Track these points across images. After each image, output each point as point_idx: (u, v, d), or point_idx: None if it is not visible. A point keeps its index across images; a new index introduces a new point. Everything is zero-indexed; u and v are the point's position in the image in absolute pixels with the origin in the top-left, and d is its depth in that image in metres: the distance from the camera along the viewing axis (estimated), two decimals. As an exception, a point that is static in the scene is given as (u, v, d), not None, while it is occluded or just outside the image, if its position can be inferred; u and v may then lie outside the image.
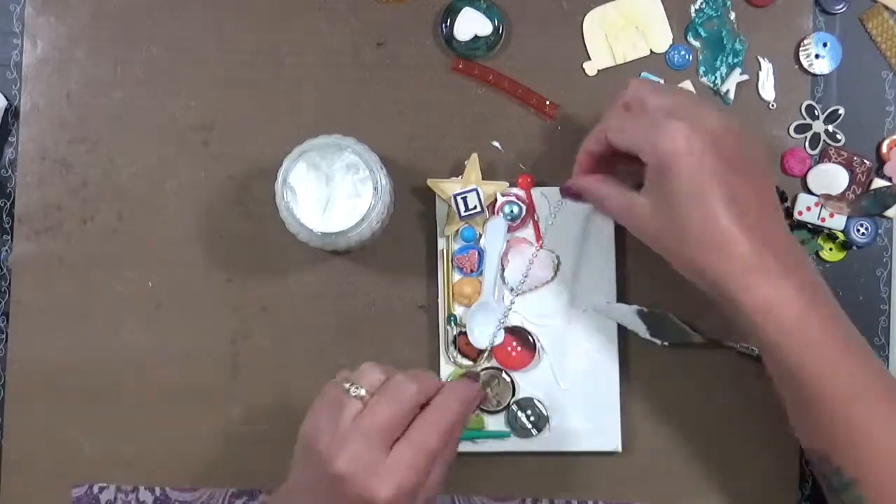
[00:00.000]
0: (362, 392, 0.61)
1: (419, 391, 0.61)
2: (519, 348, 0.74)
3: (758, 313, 0.62)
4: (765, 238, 0.62)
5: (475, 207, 0.73)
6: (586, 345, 0.74)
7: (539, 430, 0.74)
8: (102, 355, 0.76)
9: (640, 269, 0.76)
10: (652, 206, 0.64)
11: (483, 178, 0.75)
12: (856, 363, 0.62)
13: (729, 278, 0.62)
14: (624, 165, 0.68)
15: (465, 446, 0.74)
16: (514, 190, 0.75)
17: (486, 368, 0.74)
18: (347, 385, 0.61)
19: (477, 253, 0.74)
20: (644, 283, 0.75)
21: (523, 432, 0.74)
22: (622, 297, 0.75)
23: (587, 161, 0.70)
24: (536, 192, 0.75)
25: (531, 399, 0.74)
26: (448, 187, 0.74)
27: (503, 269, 0.75)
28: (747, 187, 0.62)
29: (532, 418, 0.74)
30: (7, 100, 0.77)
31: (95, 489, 0.76)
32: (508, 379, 0.74)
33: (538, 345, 0.74)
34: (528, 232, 0.75)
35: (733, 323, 0.64)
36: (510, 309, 0.74)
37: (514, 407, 0.74)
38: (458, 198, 0.73)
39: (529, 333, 0.74)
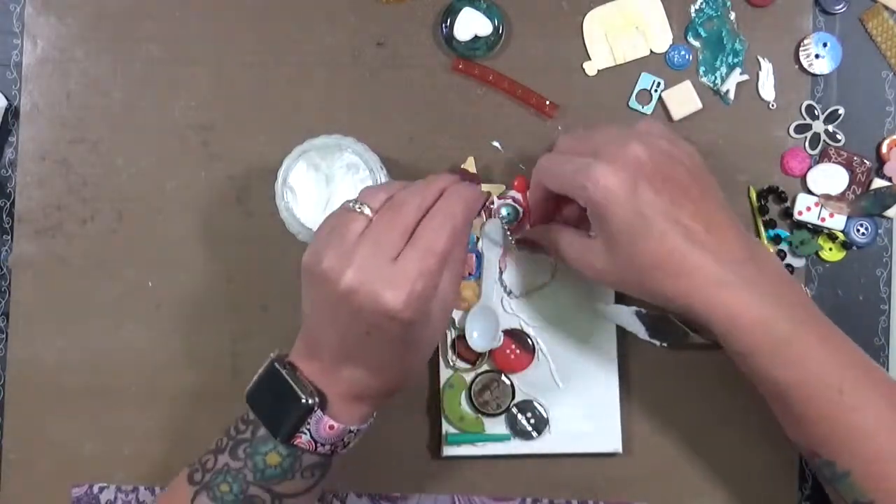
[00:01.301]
0: (367, 210, 0.61)
1: (422, 199, 0.61)
2: (518, 351, 0.74)
3: (723, 324, 0.62)
4: (717, 248, 0.62)
5: (473, 210, 0.73)
6: (585, 346, 0.74)
7: (539, 433, 0.74)
8: (102, 355, 0.76)
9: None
10: (603, 247, 0.64)
11: (483, 179, 0.75)
12: (831, 357, 0.62)
13: (693, 298, 0.62)
14: (570, 206, 0.69)
15: (465, 449, 0.74)
16: (511, 192, 0.75)
17: (486, 371, 0.74)
18: (352, 203, 0.61)
19: (475, 256, 0.74)
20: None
21: (523, 435, 0.74)
22: (620, 298, 0.75)
23: (538, 209, 0.71)
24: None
25: (531, 401, 0.74)
26: (445, 190, 0.74)
27: (501, 273, 0.75)
28: (686, 203, 0.62)
29: (532, 420, 0.74)
30: (7, 100, 0.77)
31: (95, 489, 0.76)
32: (508, 382, 0.74)
33: (537, 347, 0.74)
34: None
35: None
36: (509, 312, 0.75)
37: (514, 409, 0.74)
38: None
39: (528, 336, 0.74)
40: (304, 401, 0.61)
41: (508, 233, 0.72)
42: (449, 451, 0.74)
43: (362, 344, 0.60)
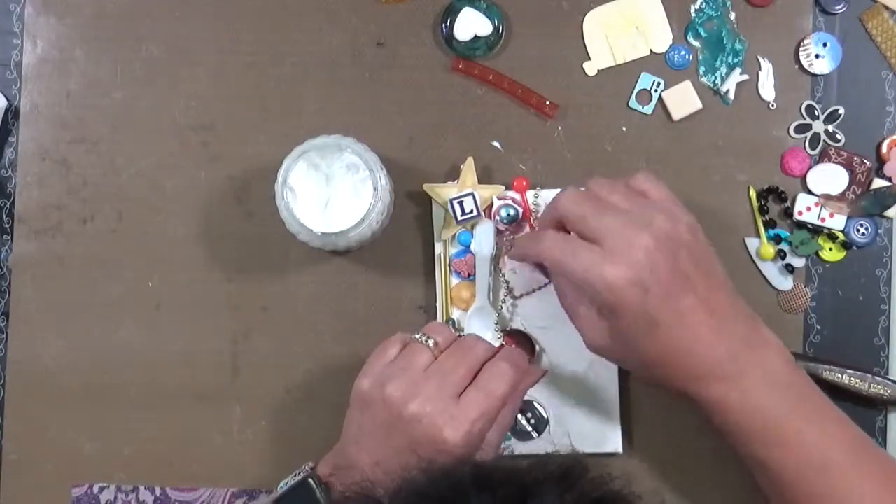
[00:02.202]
0: (431, 343, 0.64)
1: (488, 349, 0.65)
2: (518, 351, 0.74)
3: (716, 412, 0.63)
4: (716, 337, 0.62)
5: (472, 211, 0.73)
6: (585, 347, 0.74)
7: (539, 433, 0.74)
8: (102, 355, 0.76)
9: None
10: (607, 330, 0.64)
11: (483, 179, 0.75)
12: (823, 437, 0.63)
13: (689, 388, 0.64)
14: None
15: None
16: (510, 193, 0.75)
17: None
18: (418, 336, 0.65)
19: (474, 257, 0.74)
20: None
21: (524, 435, 0.74)
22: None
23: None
24: (531, 194, 0.75)
25: (531, 402, 0.74)
26: (444, 192, 0.74)
27: (501, 273, 0.75)
28: (689, 293, 0.62)
29: (532, 421, 0.74)
30: (7, 100, 0.77)
31: (95, 489, 0.76)
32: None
33: (538, 348, 0.74)
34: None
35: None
36: (507, 315, 0.75)
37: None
38: (455, 202, 0.73)
39: (529, 336, 0.74)
40: None
41: (507, 285, 0.71)
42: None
43: (409, 465, 0.60)
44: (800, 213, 0.75)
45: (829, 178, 0.76)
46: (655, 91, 0.76)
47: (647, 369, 0.64)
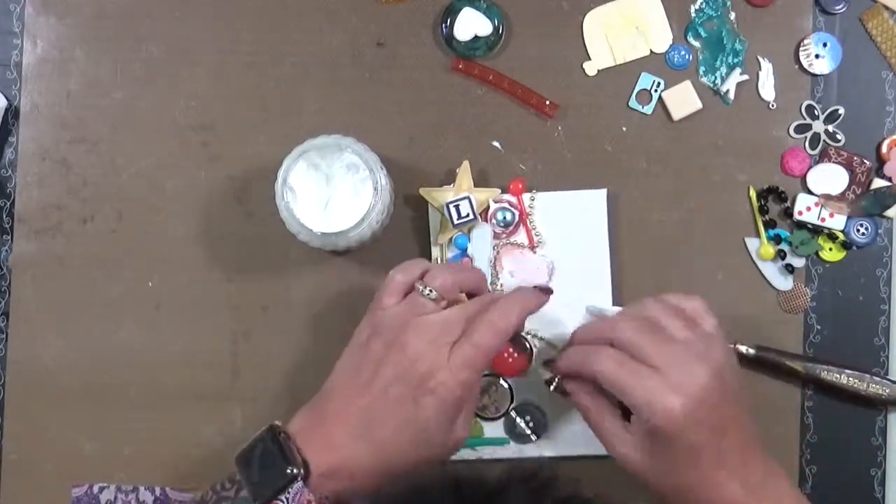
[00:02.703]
0: (434, 294, 0.65)
1: (484, 299, 0.66)
2: (516, 354, 0.74)
3: None
4: (743, 471, 0.64)
5: (468, 215, 0.73)
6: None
7: (538, 436, 0.74)
8: (102, 355, 0.76)
9: (639, 266, 0.76)
10: (640, 447, 0.65)
11: (483, 179, 0.75)
12: None
13: None
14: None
15: (464, 454, 0.74)
16: (507, 196, 0.75)
17: (484, 375, 0.74)
18: (419, 285, 0.65)
19: (471, 261, 0.74)
20: (640, 286, 0.75)
21: (522, 438, 0.74)
22: (621, 295, 0.75)
23: (573, 372, 0.70)
24: (527, 197, 0.75)
25: (529, 405, 0.74)
26: (440, 196, 0.74)
27: (498, 276, 0.75)
28: (729, 429, 0.64)
29: (531, 424, 0.74)
30: (7, 100, 0.77)
31: (95, 489, 0.76)
32: (506, 385, 0.74)
33: (534, 349, 0.74)
34: (521, 237, 0.75)
35: None
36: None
37: (513, 413, 0.74)
38: (451, 206, 0.73)
39: (526, 339, 0.74)
40: (288, 470, 0.62)
41: (551, 387, 0.70)
42: (449, 453, 0.74)
43: (385, 416, 0.63)
44: (800, 213, 0.75)
45: (829, 178, 0.76)
46: (655, 91, 0.76)
47: (676, 493, 0.65)
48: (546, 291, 0.69)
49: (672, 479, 0.65)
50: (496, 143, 0.76)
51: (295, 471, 0.62)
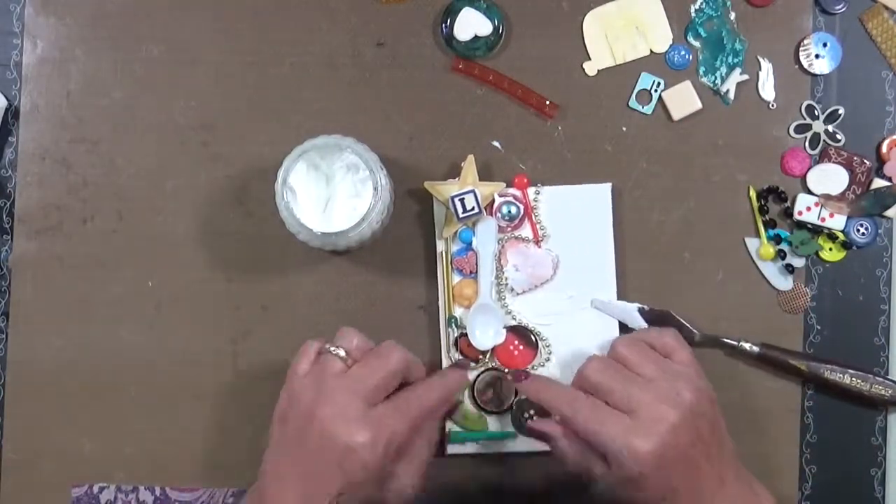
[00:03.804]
0: (342, 353, 0.65)
1: (400, 360, 0.66)
2: (521, 347, 0.74)
3: None
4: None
5: (473, 209, 0.73)
6: (588, 343, 0.74)
7: (542, 430, 0.74)
8: (102, 355, 0.76)
9: (640, 266, 0.76)
10: (611, 485, 0.65)
11: (482, 179, 0.75)
12: None
13: None
14: None
15: (469, 447, 0.74)
16: (511, 190, 0.75)
17: (489, 369, 0.74)
18: (328, 346, 0.66)
19: (476, 254, 0.74)
20: (644, 280, 0.75)
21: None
22: (622, 294, 0.75)
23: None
24: (532, 191, 0.75)
25: (535, 399, 0.74)
26: (445, 189, 0.74)
27: (502, 270, 0.75)
28: (705, 465, 0.64)
29: (535, 418, 0.74)
30: (7, 100, 0.77)
31: (95, 489, 0.76)
32: (511, 378, 0.74)
33: (540, 344, 0.74)
34: (526, 231, 0.75)
35: None
36: (509, 311, 0.75)
37: (518, 407, 0.74)
38: (456, 200, 0.73)
39: (531, 332, 0.74)
40: None
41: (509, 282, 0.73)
42: (453, 448, 0.74)
43: (318, 492, 0.62)
44: (800, 213, 0.75)
45: (829, 178, 0.76)
46: (655, 91, 0.76)
47: None
48: (464, 367, 0.72)
49: None
50: (496, 143, 0.76)
51: None
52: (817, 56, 0.76)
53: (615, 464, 0.64)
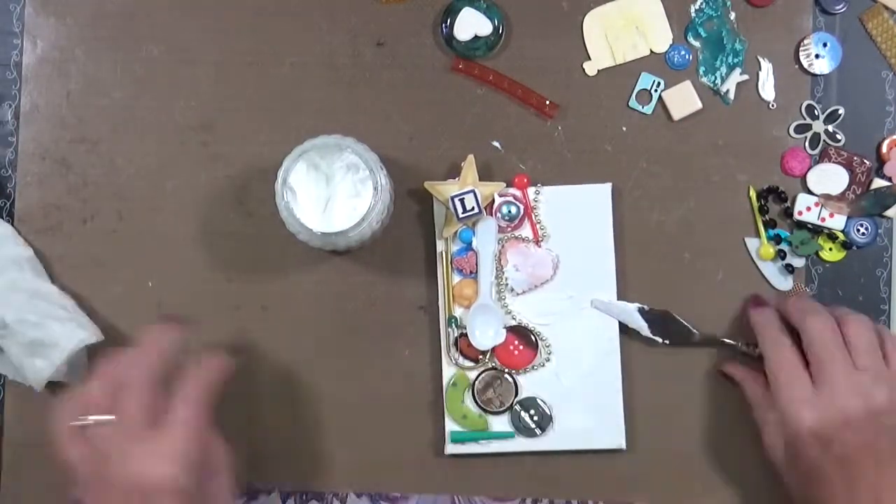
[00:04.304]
0: (90, 419, 0.62)
1: (148, 373, 0.63)
2: (521, 347, 0.74)
3: None
4: None
5: (473, 209, 0.73)
6: (588, 343, 0.74)
7: (543, 430, 0.74)
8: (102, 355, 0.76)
9: (640, 266, 0.76)
10: (781, 445, 0.67)
11: (482, 179, 0.75)
12: None
13: None
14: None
15: (469, 447, 0.74)
16: (512, 190, 0.75)
17: (489, 369, 0.74)
18: (75, 424, 0.62)
19: (476, 254, 0.74)
20: (644, 280, 0.75)
21: (527, 432, 0.74)
22: (622, 294, 0.75)
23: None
24: (532, 191, 0.75)
25: (534, 398, 0.74)
26: (445, 189, 0.74)
27: (502, 270, 0.75)
28: (871, 475, 0.64)
29: (536, 418, 0.74)
30: (7, 100, 0.77)
31: (95, 489, 0.76)
32: (511, 379, 0.74)
33: (540, 344, 0.74)
34: (526, 231, 0.75)
35: None
36: (509, 311, 0.75)
37: (518, 407, 0.74)
38: (456, 199, 0.73)
39: (531, 332, 0.74)
40: None
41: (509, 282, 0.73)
42: (452, 449, 0.74)
43: None
44: (800, 213, 0.75)
45: (829, 178, 0.76)
46: (655, 91, 0.76)
47: (797, 497, 0.67)
48: (170, 319, 0.68)
49: (802, 494, 0.66)
50: (496, 143, 0.76)
51: None
52: (817, 56, 0.76)
53: (784, 422, 0.65)
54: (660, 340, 0.74)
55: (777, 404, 0.67)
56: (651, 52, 0.76)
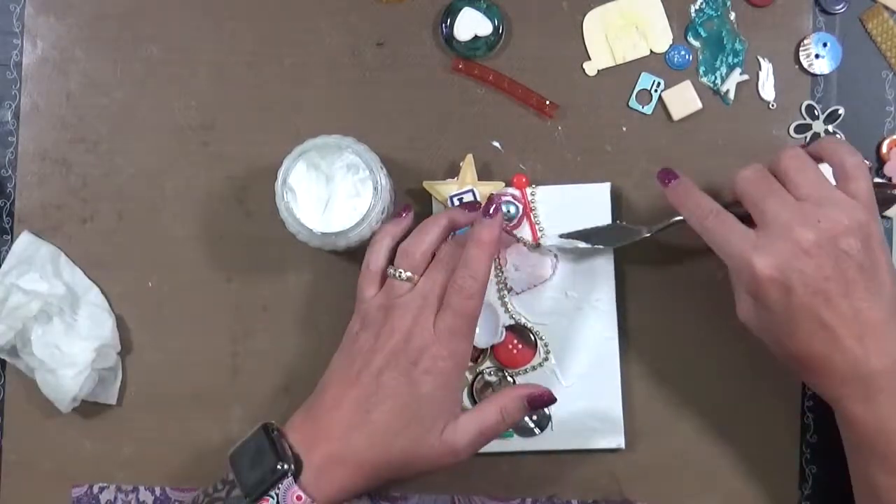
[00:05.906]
0: (405, 275, 0.67)
1: (452, 253, 0.68)
2: (520, 347, 0.74)
3: (845, 425, 0.63)
4: (863, 357, 0.60)
5: (471, 208, 0.73)
6: (587, 342, 0.74)
7: (542, 429, 0.74)
8: (102, 355, 0.76)
9: (639, 266, 0.76)
10: (753, 304, 0.63)
11: (482, 179, 0.75)
12: None
13: (822, 392, 0.64)
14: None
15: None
16: (510, 190, 0.75)
17: (488, 368, 0.74)
18: (391, 270, 0.68)
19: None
20: (644, 281, 0.75)
21: (526, 431, 0.74)
22: (622, 294, 0.75)
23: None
24: (530, 192, 0.75)
25: (534, 398, 0.74)
26: (444, 189, 0.74)
27: (502, 269, 0.75)
28: (842, 304, 0.59)
29: (535, 417, 0.74)
30: (7, 100, 0.77)
31: (95, 489, 0.76)
32: (510, 379, 0.74)
33: (539, 343, 0.74)
34: (525, 231, 0.75)
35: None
36: (509, 311, 0.75)
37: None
38: (455, 199, 0.73)
39: (530, 331, 0.74)
40: (278, 466, 0.62)
41: (507, 281, 0.73)
42: (451, 449, 0.74)
43: (380, 402, 0.63)
44: (800, 212, 0.75)
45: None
46: (655, 91, 0.76)
47: (783, 359, 0.64)
48: (473, 207, 0.70)
49: (781, 349, 0.62)
50: (496, 143, 0.76)
51: (285, 466, 0.61)
52: (817, 56, 0.76)
53: (741, 281, 0.61)
54: (602, 247, 0.73)
55: (730, 268, 0.62)
56: (651, 52, 0.76)
